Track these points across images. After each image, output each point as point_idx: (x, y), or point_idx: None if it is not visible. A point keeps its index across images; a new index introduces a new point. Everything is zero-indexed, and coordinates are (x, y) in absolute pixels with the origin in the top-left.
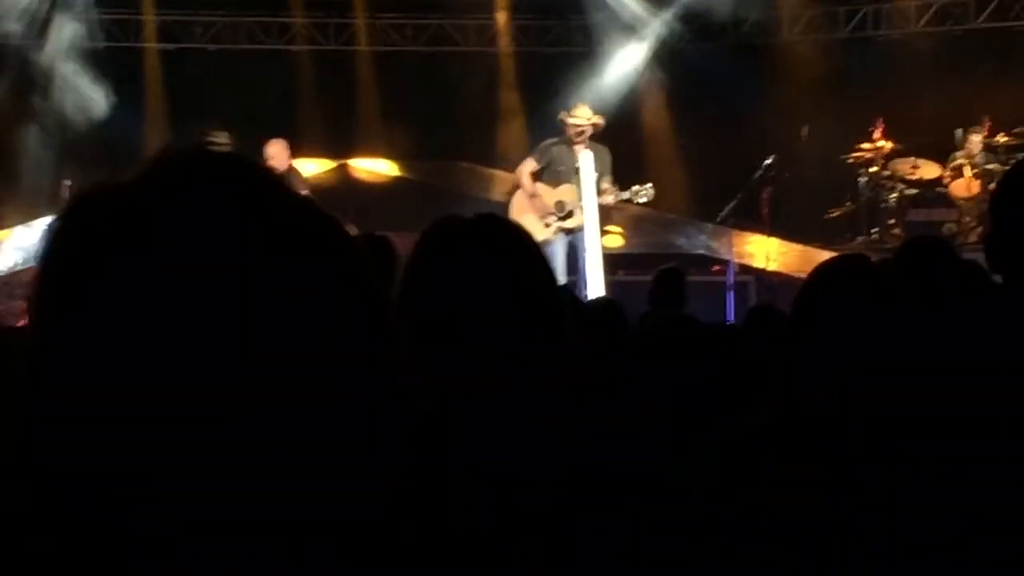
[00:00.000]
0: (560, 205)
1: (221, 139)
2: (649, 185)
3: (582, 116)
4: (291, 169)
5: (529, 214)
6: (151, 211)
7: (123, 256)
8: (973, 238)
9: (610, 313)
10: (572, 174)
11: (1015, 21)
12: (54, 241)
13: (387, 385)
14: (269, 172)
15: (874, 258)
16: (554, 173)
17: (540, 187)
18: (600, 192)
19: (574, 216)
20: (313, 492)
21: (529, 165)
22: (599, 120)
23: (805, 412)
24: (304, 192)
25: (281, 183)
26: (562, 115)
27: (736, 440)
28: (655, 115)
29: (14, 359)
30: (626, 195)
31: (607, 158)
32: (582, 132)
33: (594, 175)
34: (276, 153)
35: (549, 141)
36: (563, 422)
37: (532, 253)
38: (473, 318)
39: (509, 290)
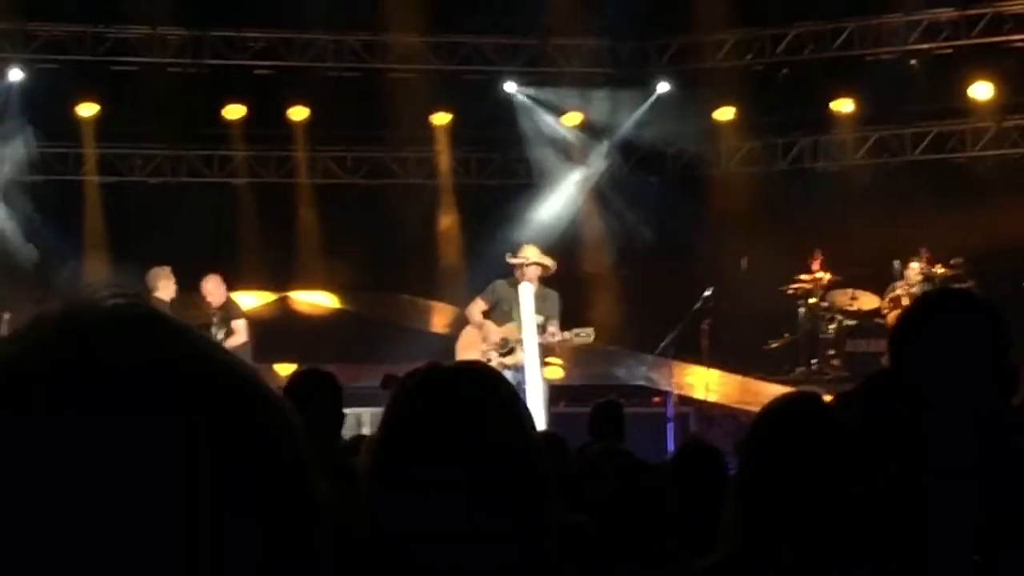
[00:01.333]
0: (503, 342)
1: (161, 279)
2: (590, 329)
3: (526, 256)
4: (229, 302)
5: (473, 350)
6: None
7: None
8: None
9: (551, 449)
10: (517, 314)
11: (951, 154)
12: None
13: None
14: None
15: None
16: (501, 312)
17: (488, 325)
18: (543, 332)
19: (515, 352)
20: None
21: (478, 304)
22: (547, 262)
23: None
24: (239, 321)
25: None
26: (509, 256)
27: None
28: (594, 246)
29: None
30: (566, 335)
31: (556, 303)
32: (529, 274)
33: (533, 307)
34: (212, 288)
35: (498, 281)
36: None
37: (517, 405)
38: (454, 480)
39: (493, 452)
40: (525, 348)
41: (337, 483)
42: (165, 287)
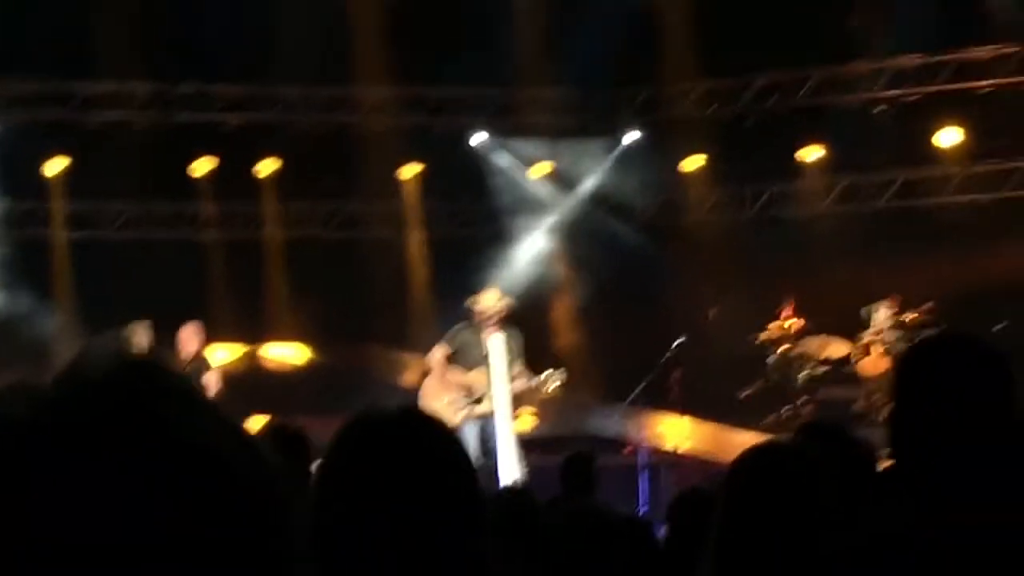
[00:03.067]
0: (470, 390)
1: (139, 334)
2: (561, 370)
3: (489, 301)
4: (199, 356)
5: (439, 399)
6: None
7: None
8: (883, 415)
9: (519, 503)
10: (482, 359)
11: (919, 199)
12: None
13: None
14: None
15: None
16: (464, 358)
17: (451, 372)
18: (511, 377)
19: (484, 401)
20: None
21: (440, 351)
22: (507, 303)
23: None
24: (210, 375)
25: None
26: (469, 301)
27: None
28: (564, 296)
29: None
30: (537, 381)
31: (517, 342)
32: (490, 317)
33: (505, 359)
34: (188, 337)
35: (459, 326)
36: None
37: (455, 453)
38: (391, 524)
39: (430, 495)
40: (496, 396)
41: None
42: (140, 340)
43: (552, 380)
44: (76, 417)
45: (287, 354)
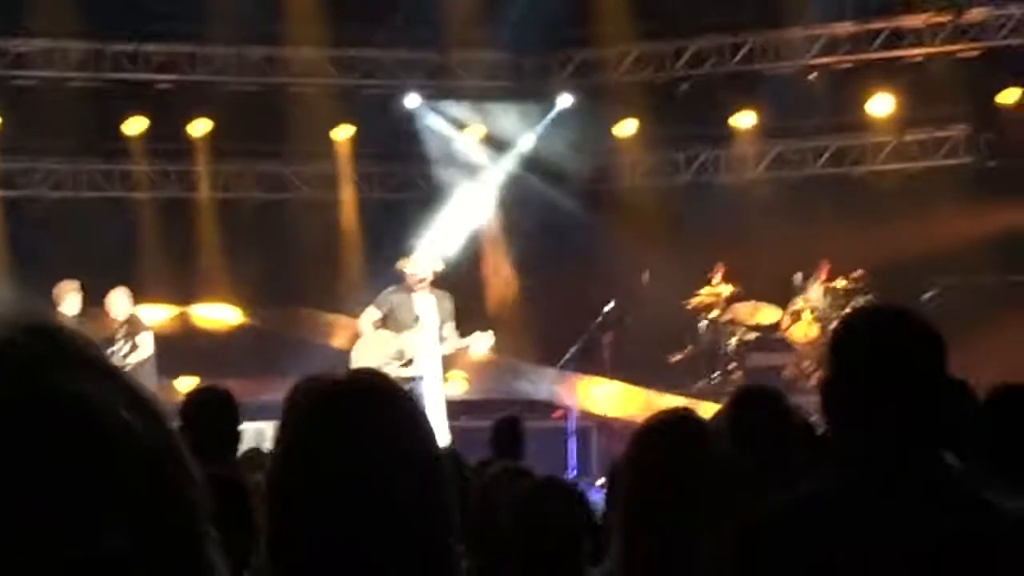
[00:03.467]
0: (400, 353)
1: (68, 294)
2: (489, 333)
3: (419, 263)
4: (132, 317)
5: (370, 362)
6: None
7: None
8: (812, 382)
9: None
10: (412, 321)
11: (851, 167)
12: None
13: None
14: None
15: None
16: (395, 321)
17: (381, 335)
18: (440, 340)
19: (414, 363)
20: None
21: (370, 314)
22: (437, 266)
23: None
24: (145, 335)
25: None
26: (400, 264)
27: None
28: (497, 260)
29: None
30: (465, 343)
31: (448, 304)
32: (421, 280)
33: (436, 321)
34: (116, 302)
35: (389, 290)
36: None
37: (415, 414)
38: (354, 489)
39: (391, 455)
40: (426, 359)
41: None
42: (71, 302)
43: (479, 344)
44: None
45: (219, 315)
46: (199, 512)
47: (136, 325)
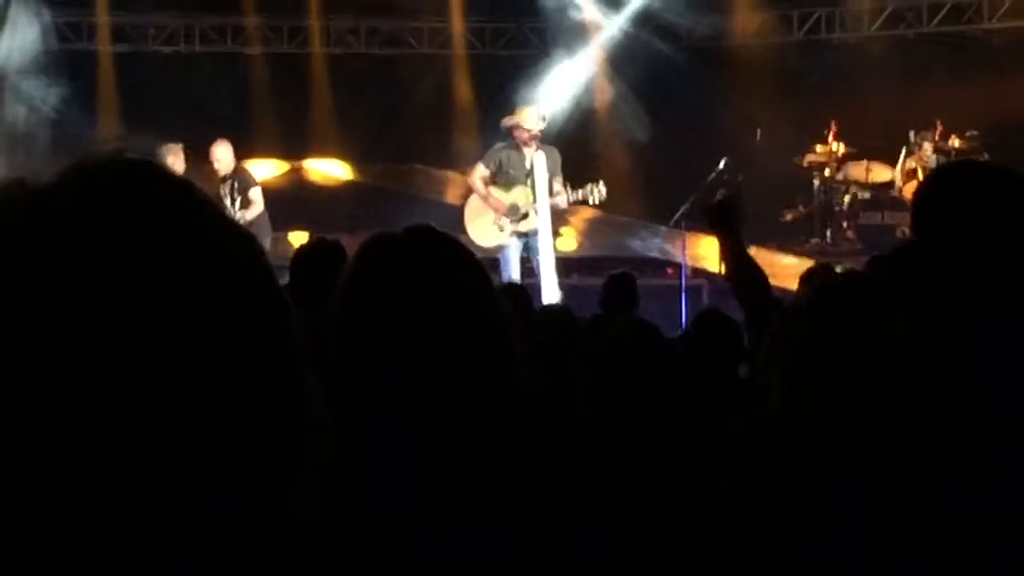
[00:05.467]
0: (513, 208)
1: (172, 156)
2: (600, 184)
3: (528, 118)
4: (239, 169)
5: (483, 218)
6: (55, 217)
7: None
8: None
9: (562, 320)
10: (523, 177)
11: (967, 25)
12: None
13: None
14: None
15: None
16: (505, 177)
17: (493, 191)
18: (552, 194)
19: (528, 219)
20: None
21: (480, 171)
22: (546, 121)
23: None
24: (255, 190)
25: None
26: (507, 119)
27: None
28: (608, 117)
29: None
30: (578, 195)
31: (557, 158)
32: (531, 135)
33: (546, 176)
34: (221, 155)
35: (499, 146)
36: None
37: (473, 271)
38: (411, 346)
39: (452, 314)
40: (539, 215)
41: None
42: (174, 164)
43: (592, 195)
44: (68, 214)
45: (330, 171)
46: (295, 333)
47: (245, 179)
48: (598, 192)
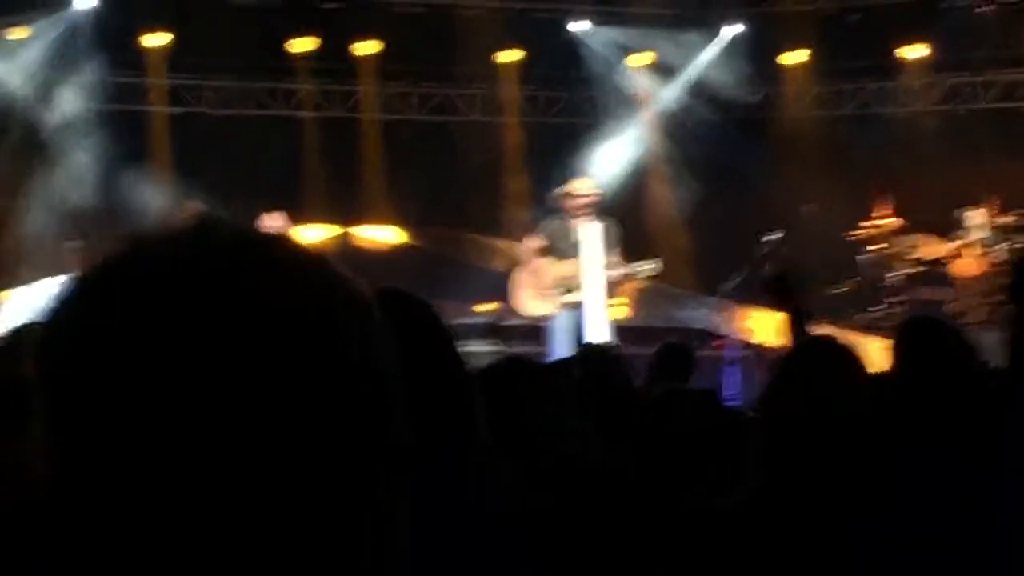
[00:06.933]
0: (562, 280)
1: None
2: (656, 260)
3: (582, 189)
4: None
5: (529, 290)
6: (182, 284)
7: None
8: (978, 317)
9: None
10: (573, 249)
11: (1021, 102)
12: (80, 300)
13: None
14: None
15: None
16: (557, 250)
17: (543, 263)
18: (607, 265)
19: (577, 291)
20: None
21: (532, 242)
22: (599, 192)
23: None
24: None
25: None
26: (558, 191)
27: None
28: (660, 188)
29: None
30: (631, 269)
31: (614, 230)
32: (584, 206)
33: (601, 247)
34: (276, 225)
35: (551, 218)
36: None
37: (431, 330)
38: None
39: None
40: (590, 285)
41: None
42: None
43: (647, 270)
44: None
45: (380, 236)
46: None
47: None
48: (651, 267)
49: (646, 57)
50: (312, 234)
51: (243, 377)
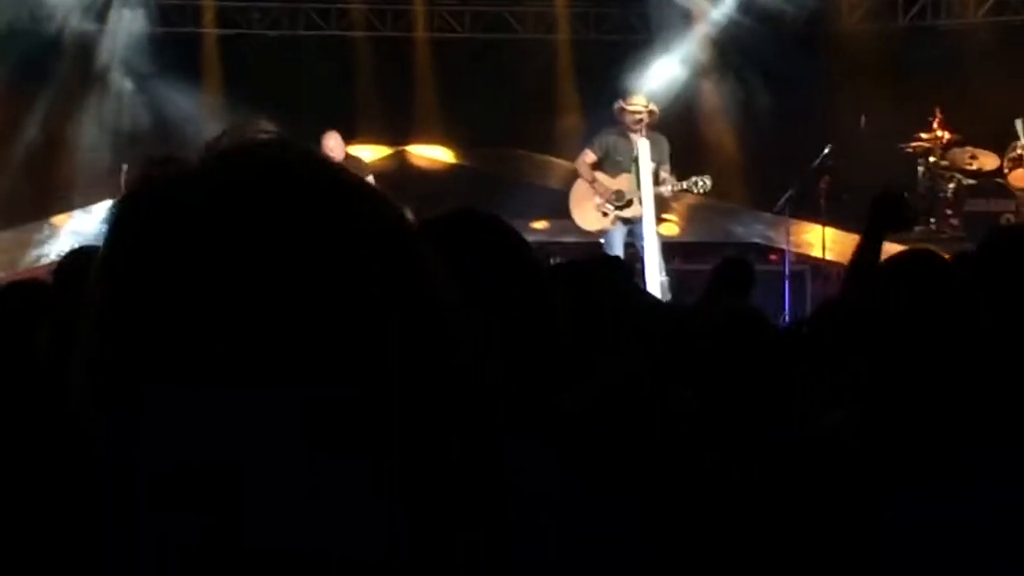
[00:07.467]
0: (618, 194)
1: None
2: (707, 177)
3: (638, 104)
4: (351, 158)
5: (587, 203)
6: (215, 204)
7: (183, 248)
8: None
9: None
10: (630, 163)
11: None
12: (117, 227)
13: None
14: (333, 163)
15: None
16: (612, 163)
17: (599, 177)
18: (658, 182)
19: (632, 205)
20: None
21: (587, 156)
22: (654, 108)
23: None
24: (368, 177)
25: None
26: (617, 104)
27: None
28: (712, 103)
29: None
30: (684, 185)
31: (665, 147)
32: (639, 120)
33: (651, 164)
34: (334, 145)
35: (606, 131)
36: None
37: (509, 251)
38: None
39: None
40: (643, 201)
41: None
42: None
43: (699, 186)
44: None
45: (433, 155)
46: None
47: (360, 168)
48: (703, 184)
49: None
50: (364, 153)
51: (304, 298)
